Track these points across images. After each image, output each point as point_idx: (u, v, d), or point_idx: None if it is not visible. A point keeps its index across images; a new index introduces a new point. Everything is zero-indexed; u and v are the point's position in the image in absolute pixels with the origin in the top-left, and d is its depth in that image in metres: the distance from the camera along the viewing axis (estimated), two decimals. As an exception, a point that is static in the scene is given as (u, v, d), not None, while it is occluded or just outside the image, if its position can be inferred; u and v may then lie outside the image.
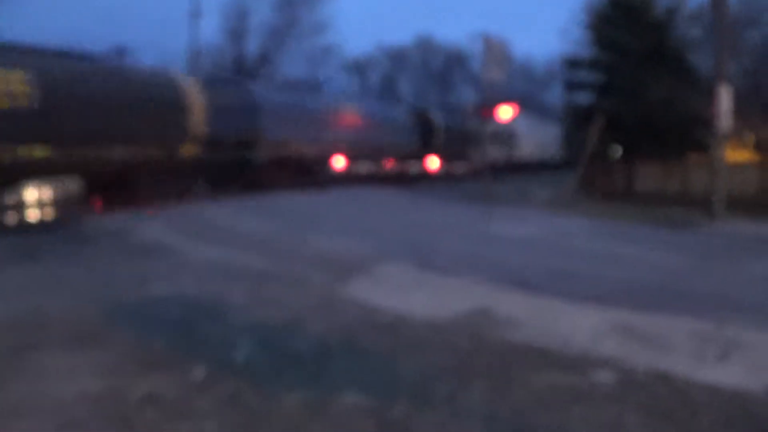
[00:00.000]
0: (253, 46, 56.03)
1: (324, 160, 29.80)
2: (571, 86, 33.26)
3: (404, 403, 5.37)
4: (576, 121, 33.36)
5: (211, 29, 69.74)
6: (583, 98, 32.38)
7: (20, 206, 16.26)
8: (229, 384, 5.71)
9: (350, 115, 32.85)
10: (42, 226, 15.93)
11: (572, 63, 32.20)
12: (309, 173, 28.68)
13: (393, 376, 5.97)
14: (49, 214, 16.82)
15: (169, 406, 5.28)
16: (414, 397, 5.49)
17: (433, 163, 37.88)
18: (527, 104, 54.96)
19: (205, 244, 13.05)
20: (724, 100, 20.62)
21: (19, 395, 5.42)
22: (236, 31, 54.45)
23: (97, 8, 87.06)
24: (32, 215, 16.49)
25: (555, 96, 77.55)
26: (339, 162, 29.33)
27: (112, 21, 77.37)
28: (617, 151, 29.98)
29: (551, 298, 9.04)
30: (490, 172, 25.30)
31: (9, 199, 15.96)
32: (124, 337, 7.03)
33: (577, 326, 7.68)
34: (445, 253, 12.57)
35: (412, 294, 9.18)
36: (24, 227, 15.74)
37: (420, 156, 36.98)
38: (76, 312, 7.97)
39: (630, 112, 27.08)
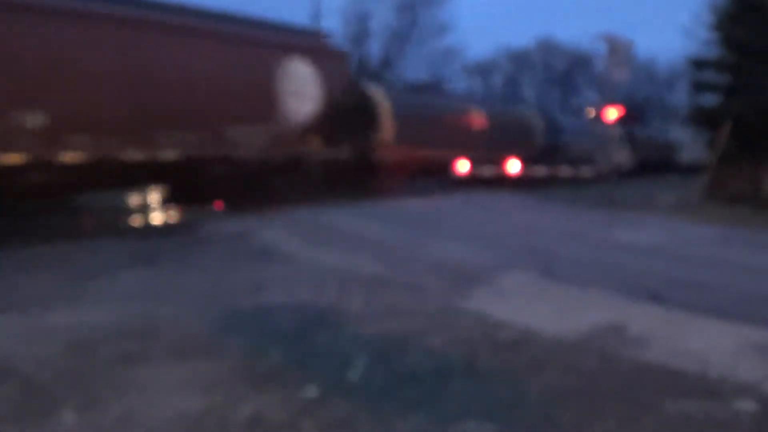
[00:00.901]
0: (374, 49, 56.02)
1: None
2: (698, 87, 32.21)
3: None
4: (702, 123, 32.40)
5: (332, 32, 69.85)
6: (710, 100, 31.40)
7: (144, 209, 16.87)
8: (341, 405, 5.38)
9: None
10: (163, 229, 16.05)
11: (698, 64, 31.16)
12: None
13: (516, 400, 5.55)
14: (170, 217, 17.06)
15: (274, 430, 5.00)
16: (537, 425, 5.12)
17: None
18: (651, 106, 54.19)
19: (323, 249, 12.86)
20: None
21: (115, 415, 5.19)
22: (358, 35, 54.49)
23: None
24: (155, 218, 16.75)
25: (678, 98, 76.03)
26: (464, 166, 29.60)
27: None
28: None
29: (681, 311, 8.51)
30: (616, 176, 24.74)
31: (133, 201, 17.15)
32: (234, 349, 6.76)
33: (712, 345, 7.15)
34: (568, 262, 12.12)
35: (534, 306, 8.74)
36: (145, 230, 15.89)
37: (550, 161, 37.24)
38: (187, 320, 7.80)
39: (757, 114, 26.13)
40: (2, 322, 7.80)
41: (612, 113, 25.78)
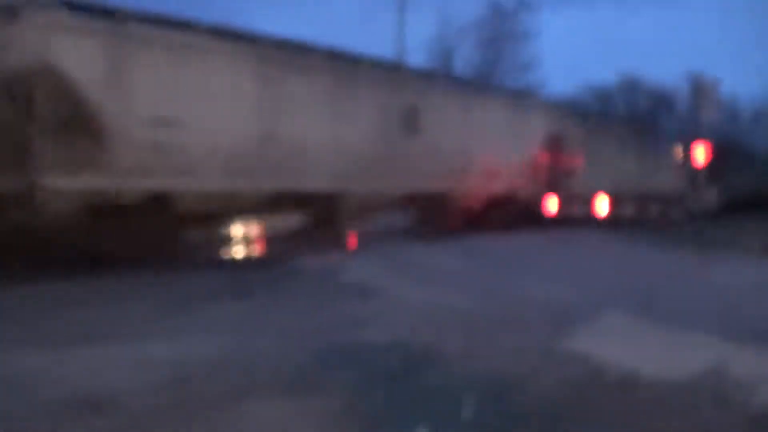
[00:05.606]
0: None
1: None
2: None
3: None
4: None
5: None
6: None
7: (232, 242, 16.89)
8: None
9: None
10: (251, 262, 16.10)
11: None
12: None
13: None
14: (259, 251, 17.10)
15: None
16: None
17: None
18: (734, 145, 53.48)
19: (414, 285, 12.75)
20: None
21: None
22: (441, 70, 54.24)
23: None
24: (243, 251, 16.80)
25: (762, 136, 74.96)
26: (553, 205, 28.26)
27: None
28: None
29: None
30: (707, 216, 24.25)
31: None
32: (340, 385, 6.68)
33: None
34: (666, 302, 11.82)
35: (639, 348, 8.54)
36: (237, 263, 15.95)
37: None
38: (287, 354, 7.75)
39: None
40: (104, 352, 7.80)
41: (700, 152, 25.37)
